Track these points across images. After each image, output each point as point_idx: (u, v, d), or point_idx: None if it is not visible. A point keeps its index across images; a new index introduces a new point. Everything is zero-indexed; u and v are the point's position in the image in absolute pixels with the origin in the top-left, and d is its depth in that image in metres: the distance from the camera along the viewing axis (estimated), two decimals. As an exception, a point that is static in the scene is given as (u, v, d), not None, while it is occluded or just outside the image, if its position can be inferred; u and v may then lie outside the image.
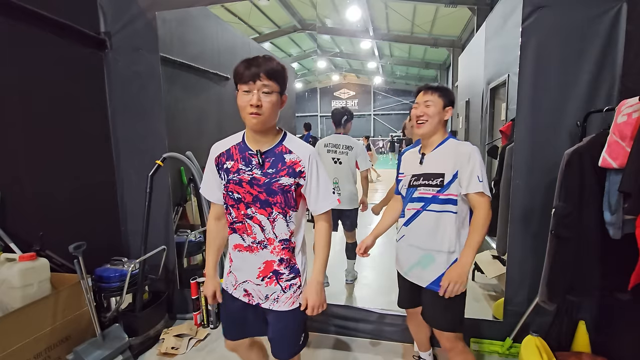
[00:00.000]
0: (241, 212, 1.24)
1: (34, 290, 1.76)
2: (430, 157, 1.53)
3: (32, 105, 2.03)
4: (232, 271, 1.34)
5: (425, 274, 1.54)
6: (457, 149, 1.47)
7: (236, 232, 1.28)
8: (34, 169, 2.04)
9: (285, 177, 1.21)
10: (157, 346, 2.27)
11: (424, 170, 1.52)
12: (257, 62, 1.12)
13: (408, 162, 1.65)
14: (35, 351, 1.72)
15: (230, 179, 1.23)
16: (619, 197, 1.42)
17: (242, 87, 1.13)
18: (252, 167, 1.22)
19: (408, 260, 1.60)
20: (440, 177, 1.46)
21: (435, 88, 1.53)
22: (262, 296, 1.30)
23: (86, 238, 1.88)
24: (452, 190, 1.46)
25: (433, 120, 1.49)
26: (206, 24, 3.26)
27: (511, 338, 2.04)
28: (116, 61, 2.44)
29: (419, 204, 1.52)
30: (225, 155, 1.27)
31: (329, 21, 11.79)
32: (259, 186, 1.20)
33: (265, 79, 1.11)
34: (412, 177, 1.56)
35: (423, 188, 1.50)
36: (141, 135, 2.49)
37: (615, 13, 1.75)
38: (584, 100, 1.82)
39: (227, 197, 1.26)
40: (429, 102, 1.50)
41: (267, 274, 1.27)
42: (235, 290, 1.34)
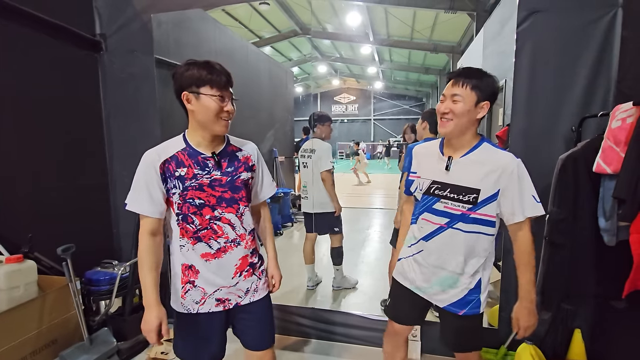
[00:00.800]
0: (206, 217, 1.20)
1: (20, 293, 1.74)
2: (460, 165, 1.25)
3: (26, 106, 2.02)
4: (197, 285, 1.23)
5: (445, 294, 1.33)
6: (498, 160, 1.20)
7: (201, 240, 1.21)
8: (26, 170, 2.02)
9: (244, 172, 1.27)
10: (146, 351, 2.23)
11: (453, 181, 1.25)
12: (223, 69, 1.17)
13: (425, 161, 1.36)
14: (20, 355, 1.69)
15: (188, 185, 1.18)
16: (614, 203, 1.40)
17: (212, 91, 1.14)
18: (210, 169, 1.21)
19: (424, 279, 1.37)
20: (474, 193, 1.20)
21: (468, 76, 1.19)
22: (241, 294, 1.29)
23: (77, 240, 1.86)
24: (487, 210, 1.22)
25: (461, 120, 1.19)
26: (203, 27, 3.26)
27: (506, 346, 2.00)
28: (111, 63, 2.44)
29: (443, 219, 1.27)
30: (173, 162, 1.18)
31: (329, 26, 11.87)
32: (222, 186, 1.22)
33: (230, 87, 1.19)
34: (433, 183, 1.29)
35: (450, 202, 1.25)
36: (135, 137, 2.47)
37: (610, 18, 1.74)
38: (579, 105, 1.80)
39: (185, 205, 1.19)
40: (458, 96, 1.19)
41: (244, 268, 1.29)
42: (202, 305, 1.24)
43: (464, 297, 1.30)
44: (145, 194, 1.17)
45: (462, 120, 1.20)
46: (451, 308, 1.33)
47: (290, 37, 12.14)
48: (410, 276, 1.41)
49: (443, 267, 1.31)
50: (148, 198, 1.17)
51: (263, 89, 5.12)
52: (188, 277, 1.23)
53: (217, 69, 1.16)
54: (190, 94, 1.14)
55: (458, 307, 1.31)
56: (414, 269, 1.40)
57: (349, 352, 2.25)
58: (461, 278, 1.30)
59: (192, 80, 1.13)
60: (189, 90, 1.14)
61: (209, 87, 1.13)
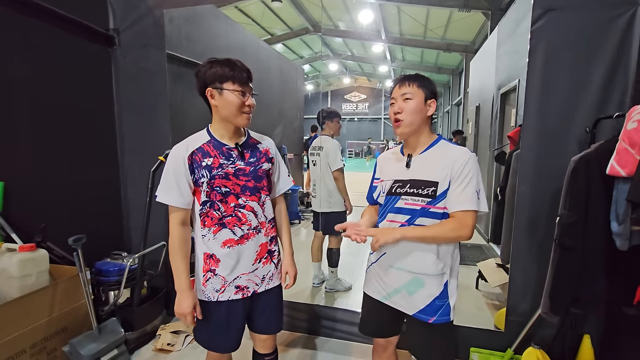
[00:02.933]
0: (231, 205, 1.28)
1: (32, 281, 1.78)
2: (419, 161, 1.29)
3: (40, 99, 2.06)
4: (217, 274, 1.30)
5: (412, 300, 1.30)
6: (452, 153, 1.24)
7: (226, 226, 1.28)
8: (40, 162, 2.07)
9: (265, 162, 1.36)
10: (153, 342, 2.27)
11: (412, 176, 1.27)
12: (244, 65, 1.25)
13: (387, 164, 1.39)
14: (31, 341, 1.73)
15: (215, 174, 1.25)
16: (627, 207, 1.36)
17: (235, 86, 1.22)
18: (234, 159, 1.29)
19: (390, 285, 1.34)
20: (432, 185, 1.22)
21: (413, 78, 1.27)
22: (258, 281, 1.36)
23: (88, 232, 1.90)
24: (445, 203, 1.24)
25: (414, 118, 1.24)
26: (214, 23, 3.28)
27: (512, 349, 1.98)
28: (124, 58, 2.47)
29: (404, 216, 1.27)
30: (199, 153, 1.26)
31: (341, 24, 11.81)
32: (245, 175, 1.30)
33: (250, 83, 1.27)
34: (394, 182, 1.31)
35: (410, 197, 1.26)
36: (146, 132, 2.51)
37: (629, 17, 1.69)
38: (594, 106, 1.76)
39: (212, 193, 1.26)
40: (407, 94, 1.24)
41: (263, 255, 1.36)
42: (221, 294, 1.31)
43: (433, 302, 1.27)
44: (174, 186, 1.25)
45: (416, 118, 1.25)
46: (420, 315, 1.29)
47: (302, 34, 12.12)
48: (376, 285, 1.40)
49: (408, 269, 1.29)
50: (177, 190, 1.25)
51: (273, 86, 5.13)
52: (209, 266, 1.30)
53: (238, 65, 1.24)
54: (213, 90, 1.22)
55: (428, 314, 1.28)
56: (379, 277, 1.38)
57: (353, 350, 2.25)
58: (427, 280, 1.27)
59: (216, 77, 1.21)
60: (213, 86, 1.22)
61: (231, 83, 1.21)
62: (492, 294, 2.88)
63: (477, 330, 2.11)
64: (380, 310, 1.41)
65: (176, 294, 1.27)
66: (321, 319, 2.40)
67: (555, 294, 1.63)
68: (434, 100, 1.27)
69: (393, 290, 1.34)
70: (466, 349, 2.08)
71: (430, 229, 1.22)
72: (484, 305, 2.76)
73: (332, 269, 3.04)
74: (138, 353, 2.19)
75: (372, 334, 1.50)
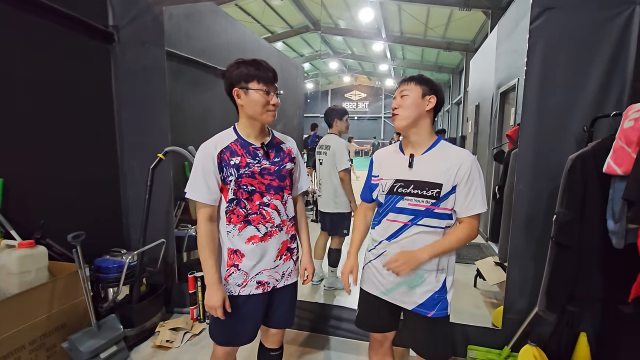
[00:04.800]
0: (256, 203, 1.31)
1: (32, 277, 1.79)
2: (422, 161, 1.30)
3: (39, 95, 2.07)
4: (240, 268, 1.33)
5: (412, 295, 1.33)
6: (456, 156, 1.27)
7: (251, 224, 1.31)
8: (39, 158, 2.07)
9: (288, 162, 1.39)
10: (152, 338, 2.28)
11: (416, 177, 1.29)
12: (269, 65, 1.28)
13: (387, 163, 1.40)
14: (30, 337, 1.74)
15: (242, 173, 1.28)
16: (623, 205, 1.36)
17: (260, 85, 1.25)
18: (259, 159, 1.32)
19: (389, 281, 1.37)
20: (436, 187, 1.25)
21: (411, 77, 1.33)
22: (278, 277, 1.40)
23: (87, 229, 1.91)
24: (448, 204, 1.27)
25: (410, 111, 1.28)
26: (214, 20, 3.28)
27: (509, 347, 1.99)
28: (123, 54, 2.47)
29: (407, 216, 1.29)
30: (227, 152, 1.29)
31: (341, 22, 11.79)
32: (270, 174, 1.33)
33: (276, 82, 1.29)
34: (396, 182, 1.32)
35: (414, 198, 1.27)
36: (145, 129, 2.51)
37: (627, 16, 1.69)
38: (592, 104, 1.76)
39: (239, 191, 1.29)
40: (405, 91, 1.30)
41: (283, 252, 1.40)
42: (243, 288, 1.34)
43: (432, 296, 1.32)
44: (203, 183, 1.27)
45: (412, 112, 1.29)
46: (420, 310, 1.33)
47: (303, 32, 12.10)
48: (375, 281, 1.42)
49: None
50: (205, 187, 1.27)
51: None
52: (233, 261, 1.34)
53: (263, 65, 1.27)
54: (240, 89, 1.25)
55: (427, 308, 1.32)
56: (378, 273, 1.40)
57: (352, 347, 2.26)
58: (427, 276, 1.32)
59: (242, 76, 1.24)
60: (239, 86, 1.25)
61: (257, 82, 1.24)
62: (490, 292, 2.90)
63: (475, 327, 2.12)
64: (378, 306, 1.43)
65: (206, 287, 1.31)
66: (320, 317, 2.41)
67: (551, 292, 1.64)
68: (433, 96, 1.29)
69: (393, 286, 1.37)
70: (464, 346, 2.09)
71: (447, 242, 1.28)
72: (482, 303, 2.78)
73: (332, 269, 3.04)
74: (137, 350, 2.19)
75: (370, 329, 1.52)
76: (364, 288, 1.49)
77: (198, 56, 2.98)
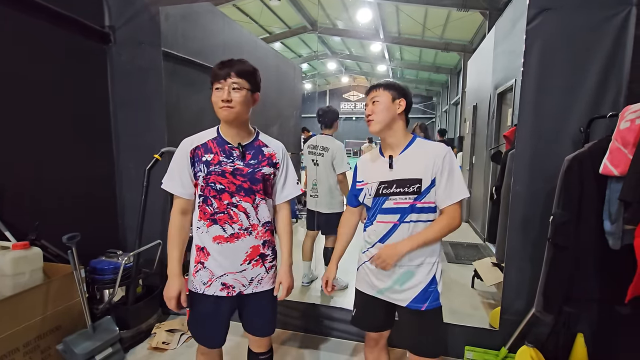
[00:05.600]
0: (224, 202, 1.30)
1: (26, 279, 1.77)
2: (401, 160, 1.35)
3: (35, 96, 2.05)
4: (206, 266, 1.33)
5: (404, 291, 1.37)
6: (431, 149, 1.33)
7: (217, 222, 1.31)
8: (34, 159, 2.05)
9: (266, 167, 1.35)
10: (148, 340, 2.27)
11: (397, 176, 1.33)
12: (230, 63, 1.26)
13: (369, 167, 1.45)
14: (25, 339, 1.72)
15: (212, 170, 1.29)
16: (620, 206, 1.36)
17: (215, 84, 1.25)
18: (234, 158, 1.31)
19: (382, 280, 1.40)
20: (417, 182, 1.30)
21: (378, 84, 1.38)
22: (245, 282, 1.36)
23: (83, 230, 1.89)
24: (430, 198, 1.31)
25: (383, 116, 1.33)
26: (211, 21, 3.27)
27: (506, 348, 1.98)
28: (119, 55, 2.46)
29: (394, 216, 1.33)
30: (202, 148, 1.31)
31: (339, 23, 11.79)
32: (243, 176, 1.31)
33: (235, 77, 1.24)
34: (379, 184, 1.36)
35: (398, 197, 1.32)
36: (141, 130, 2.50)
37: (623, 17, 1.70)
38: (589, 105, 1.76)
39: (207, 188, 1.30)
40: (375, 97, 1.35)
41: (254, 257, 1.36)
42: (208, 287, 1.33)
43: (424, 290, 1.35)
44: (177, 176, 1.31)
45: (385, 117, 1.33)
46: (413, 305, 1.36)
47: (300, 33, 12.09)
48: (369, 281, 1.45)
49: (399, 263, 1.34)
50: (179, 180, 1.31)
51: (270, 84, 5.11)
52: (199, 258, 1.34)
53: (224, 63, 1.26)
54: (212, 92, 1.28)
55: (420, 302, 1.36)
56: (372, 274, 1.43)
57: (348, 348, 2.26)
58: (418, 270, 1.35)
59: (211, 78, 1.27)
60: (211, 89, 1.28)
61: (214, 82, 1.26)
62: (487, 293, 2.90)
63: (472, 328, 2.12)
64: (374, 305, 1.47)
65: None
66: (317, 318, 2.40)
67: (548, 293, 1.64)
68: (402, 99, 1.35)
69: (386, 285, 1.40)
70: (461, 347, 2.09)
71: (428, 233, 1.31)
72: (479, 304, 2.78)
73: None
74: (133, 352, 2.18)
75: (366, 328, 1.55)
76: (359, 288, 1.52)
77: (195, 57, 2.96)
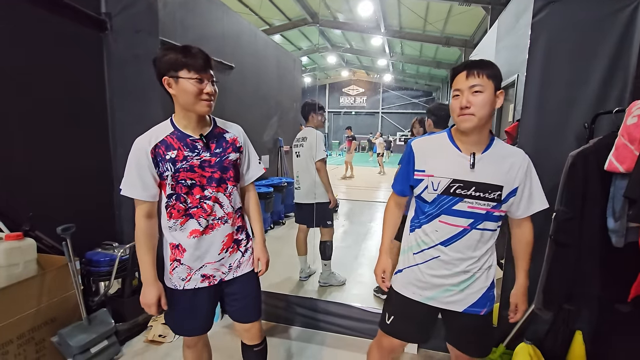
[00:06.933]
0: (196, 197, 1.27)
1: (20, 270, 1.74)
2: (483, 161, 1.18)
3: (29, 85, 2.00)
4: (183, 263, 1.30)
5: (464, 296, 1.26)
6: (513, 155, 1.19)
7: (192, 217, 1.27)
8: (29, 149, 2.01)
9: (232, 153, 1.33)
10: (144, 333, 2.25)
11: (477, 178, 1.17)
12: (201, 52, 1.19)
13: (436, 158, 1.24)
14: (18, 331, 1.70)
15: (180, 167, 1.23)
16: (624, 203, 1.35)
17: (190, 74, 1.16)
18: (199, 151, 1.26)
19: (438, 285, 1.28)
20: (498, 190, 1.16)
21: (482, 66, 1.13)
22: (225, 269, 1.36)
23: (79, 221, 1.86)
24: (505, 206, 1.21)
25: (485, 112, 1.12)
26: (210, 10, 3.21)
27: (504, 345, 1.98)
28: (116, 43, 2.40)
29: (466, 220, 1.19)
30: (162, 146, 1.22)
31: (340, 15, 11.68)
32: (211, 166, 1.28)
33: (210, 69, 1.21)
34: (453, 182, 1.18)
35: (475, 201, 1.17)
36: (138, 119, 2.44)
37: (631, 11, 1.66)
38: (594, 101, 1.74)
39: (177, 186, 1.24)
40: (478, 87, 1.11)
41: (229, 244, 1.36)
42: (187, 282, 1.31)
43: (485, 294, 1.27)
44: (137, 179, 1.22)
45: (485, 112, 1.12)
46: (472, 310, 1.27)
47: (301, 25, 11.97)
48: (421, 286, 1.31)
49: (465, 270, 1.23)
50: (140, 183, 1.22)
51: (270, 77, 5.06)
52: (175, 256, 1.31)
53: (193, 52, 1.18)
54: (170, 78, 1.18)
55: (480, 306, 1.27)
56: (426, 278, 1.29)
57: (342, 343, 2.25)
58: (478, 275, 1.25)
59: (170, 64, 1.16)
60: (169, 75, 1.17)
61: (187, 71, 1.16)
62: (485, 289, 2.89)
63: (469, 324, 2.11)
64: (418, 312, 1.35)
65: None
66: (314, 312, 2.39)
67: (549, 290, 1.63)
68: (502, 91, 1.15)
69: (444, 289, 1.28)
70: (458, 343, 2.08)
71: (528, 260, 1.34)
72: (477, 300, 2.77)
73: (326, 262, 2.99)
74: (129, 344, 2.16)
75: (404, 338, 1.43)
76: (401, 293, 1.36)
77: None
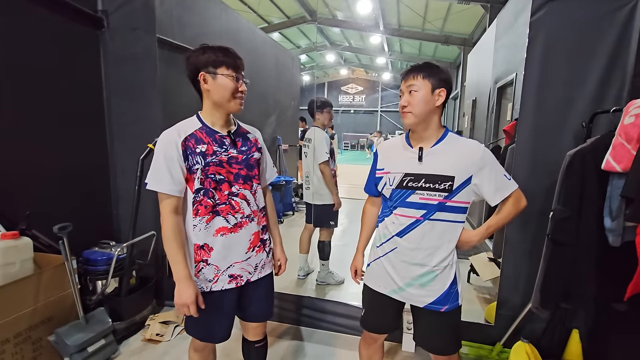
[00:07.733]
0: (224, 193, 1.27)
1: (16, 269, 1.73)
2: (431, 155, 1.26)
3: (25, 83, 1.99)
4: (210, 263, 1.27)
5: (424, 292, 1.30)
6: (465, 147, 1.25)
7: (219, 214, 1.26)
8: (25, 146, 2.00)
9: (255, 152, 1.36)
10: (142, 332, 2.25)
11: (426, 170, 1.24)
12: (237, 53, 1.25)
13: (393, 156, 1.35)
14: (15, 330, 1.70)
15: (210, 161, 1.24)
16: (621, 203, 1.35)
17: (229, 71, 1.22)
18: (227, 147, 1.28)
19: (400, 279, 1.33)
20: (449, 180, 1.21)
21: (418, 69, 1.24)
22: (251, 269, 1.36)
23: (76, 220, 1.85)
24: (461, 197, 1.24)
25: (420, 109, 1.22)
26: (207, 8, 3.19)
27: (501, 343, 1.99)
28: (112, 41, 2.39)
29: (418, 211, 1.25)
30: (193, 139, 1.23)
31: (339, 13, 11.64)
32: (238, 163, 1.30)
33: (243, 69, 1.27)
34: (405, 176, 1.27)
35: (426, 192, 1.24)
36: (136, 118, 2.44)
37: (629, 10, 1.66)
38: (591, 100, 1.74)
39: (206, 180, 1.24)
40: (413, 86, 1.22)
41: (256, 243, 1.37)
42: (215, 283, 1.29)
43: (447, 291, 1.29)
44: (166, 172, 1.19)
45: (422, 110, 1.23)
46: (433, 306, 1.30)
47: (299, 23, 11.93)
48: (384, 279, 1.38)
49: (421, 263, 1.28)
50: (169, 176, 1.20)
51: (268, 75, 5.04)
52: (201, 256, 1.28)
53: (231, 52, 1.25)
54: (207, 74, 1.21)
55: (441, 303, 1.29)
56: (387, 271, 1.35)
57: (340, 341, 2.25)
58: (439, 272, 1.28)
59: (209, 61, 1.21)
60: (206, 70, 1.21)
61: (225, 68, 1.21)
62: (483, 288, 2.90)
63: (467, 323, 2.11)
64: (385, 305, 1.40)
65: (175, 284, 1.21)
66: (312, 311, 2.39)
67: (546, 289, 1.63)
68: (443, 89, 1.23)
69: (404, 284, 1.32)
70: (456, 341, 2.09)
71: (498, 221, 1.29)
72: (475, 298, 2.78)
73: (323, 262, 3.00)
74: (126, 343, 2.16)
75: (376, 330, 1.48)
76: (370, 286, 1.44)
77: (191, 44, 2.88)
